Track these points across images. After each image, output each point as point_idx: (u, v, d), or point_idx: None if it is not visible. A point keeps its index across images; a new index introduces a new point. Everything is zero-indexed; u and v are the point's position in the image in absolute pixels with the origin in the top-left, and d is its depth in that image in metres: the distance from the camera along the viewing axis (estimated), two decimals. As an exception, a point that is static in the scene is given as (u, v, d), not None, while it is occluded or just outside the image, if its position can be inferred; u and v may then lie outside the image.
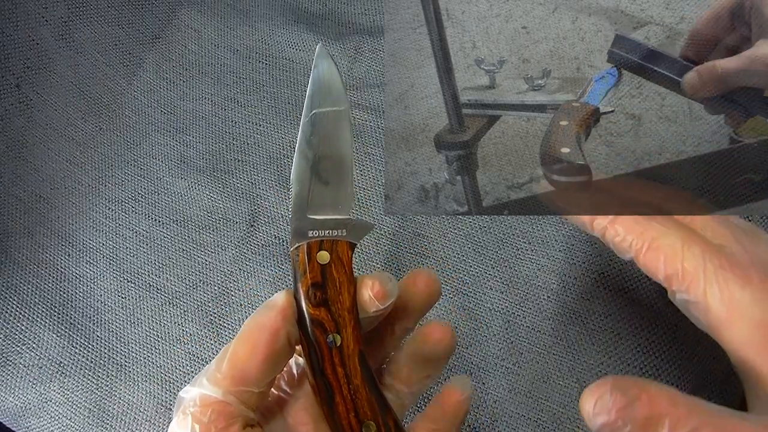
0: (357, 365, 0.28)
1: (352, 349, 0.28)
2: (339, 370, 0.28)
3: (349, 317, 0.28)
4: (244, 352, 0.27)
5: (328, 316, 0.28)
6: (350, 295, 0.29)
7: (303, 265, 0.29)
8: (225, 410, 0.27)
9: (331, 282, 0.29)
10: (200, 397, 0.27)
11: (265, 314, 0.28)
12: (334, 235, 0.29)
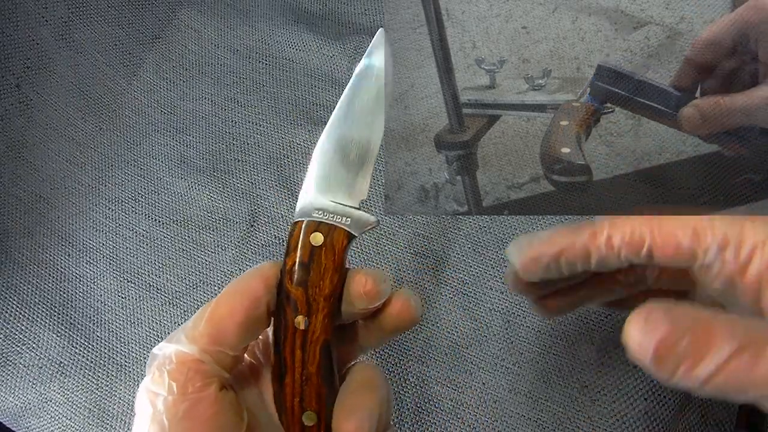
0: (317, 353, 0.28)
1: (317, 336, 0.28)
2: (297, 352, 0.28)
3: (324, 304, 0.28)
4: (223, 313, 0.27)
5: (304, 297, 0.28)
6: (332, 284, 0.28)
7: (295, 241, 0.29)
8: (201, 369, 0.26)
9: (317, 265, 0.28)
10: (176, 354, 0.26)
11: (249, 280, 0.28)
12: (336, 221, 0.29)
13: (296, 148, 0.54)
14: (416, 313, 0.30)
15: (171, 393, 0.26)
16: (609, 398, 0.40)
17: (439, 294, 0.45)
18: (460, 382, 0.42)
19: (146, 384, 0.26)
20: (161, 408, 0.25)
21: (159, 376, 0.26)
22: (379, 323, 0.30)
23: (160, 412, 0.25)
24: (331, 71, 0.57)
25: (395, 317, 0.29)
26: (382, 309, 0.29)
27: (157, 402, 0.26)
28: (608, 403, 0.40)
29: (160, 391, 0.26)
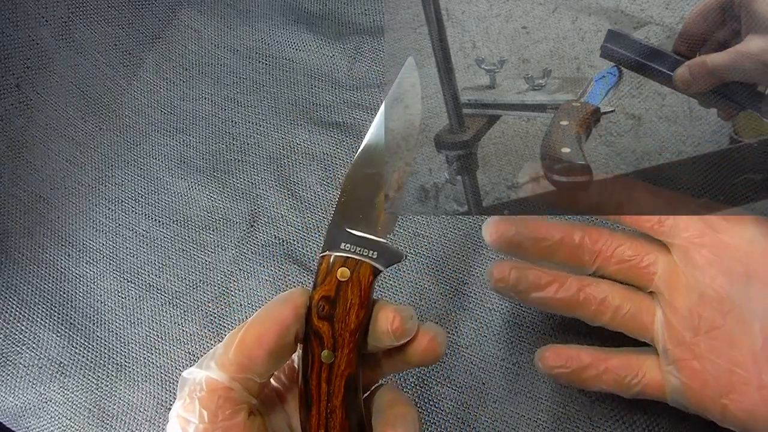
0: (342, 387, 0.28)
1: (343, 370, 0.28)
2: (323, 385, 0.28)
3: (350, 339, 0.28)
4: (252, 340, 0.27)
5: (330, 331, 0.28)
6: (357, 319, 0.28)
7: (322, 276, 0.29)
8: (231, 396, 0.27)
9: (343, 300, 0.28)
10: (207, 381, 0.27)
11: (279, 308, 0.28)
12: (362, 255, 0.29)
13: (296, 148, 0.54)
14: (442, 350, 0.30)
15: (202, 421, 0.26)
16: (609, 398, 0.40)
17: (439, 294, 0.45)
18: (460, 382, 0.42)
19: (178, 410, 0.27)
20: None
21: (190, 403, 0.27)
22: (404, 357, 0.30)
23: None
24: (331, 71, 0.57)
25: (421, 353, 0.30)
26: (408, 343, 0.30)
27: (189, 429, 0.26)
28: (608, 403, 0.40)
29: (192, 419, 0.26)
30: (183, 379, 0.28)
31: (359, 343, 0.28)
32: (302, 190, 0.52)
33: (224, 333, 0.46)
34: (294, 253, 0.49)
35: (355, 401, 0.29)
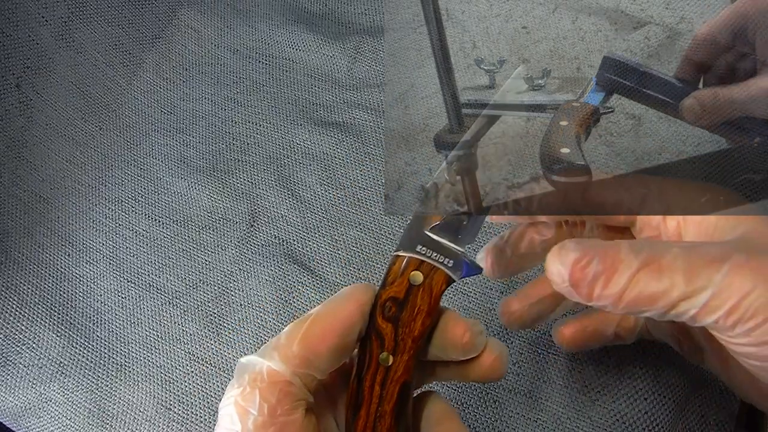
0: (395, 392, 0.27)
1: (399, 375, 0.27)
2: (376, 388, 0.27)
3: (412, 345, 0.27)
4: (317, 335, 0.26)
5: (392, 334, 0.27)
6: (423, 326, 0.27)
7: (393, 276, 0.28)
8: (291, 391, 0.26)
9: (411, 305, 0.27)
10: (268, 372, 0.26)
11: (344, 303, 0.27)
12: (439, 261, 0.28)
13: (296, 148, 0.54)
14: (504, 370, 0.29)
15: (261, 413, 0.26)
16: (609, 398, 0.40)
17: (439, 294, 0.45)
18: (460, 383, 0.42)
19: (236, 397, 0.26)
20: (251, 427, 0.25)
21: (250, 393, 0.26)
22: (464, 370, 0.29)
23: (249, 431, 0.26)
24: (331, 71, 0.57)
25: (484, 371, 0.29)
26: (472, 359, 0.29)
27: (248, 420, 0.26)
28: (608, 403, 0.40)
29: (251, 409, 0.26)
30: (242, 365, 0.27)
31: (420, 350, 0.28)
32: (302, 190, 0.52)
33: (224, 333, 0.46)
34: (294, 253, 0.49)
35: (405, 408, 0.28)
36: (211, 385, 0.44)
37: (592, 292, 0.24)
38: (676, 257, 0.24)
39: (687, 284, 0.23)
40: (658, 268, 0.24)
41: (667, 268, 0.24)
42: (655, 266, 0.24)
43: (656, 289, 0.24)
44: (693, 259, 0.24)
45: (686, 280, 0.23)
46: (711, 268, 0.23)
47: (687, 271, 0.23)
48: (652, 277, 0.24)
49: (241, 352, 0.45)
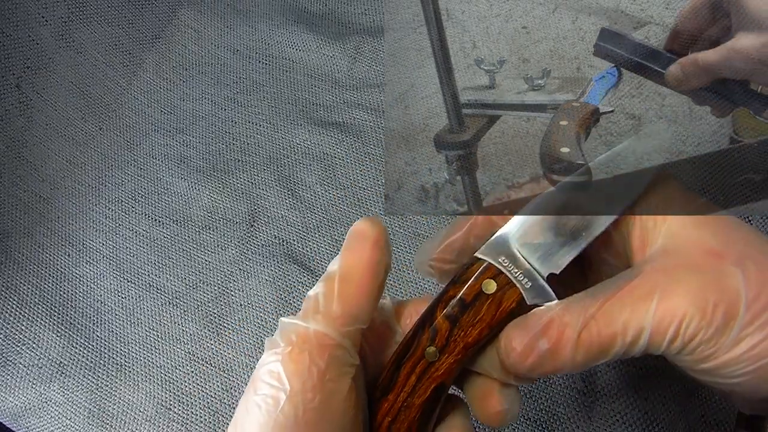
0: (429, 389, 0.26)
1: (439, 374, 0.26)
2: (412, 378, 0.26)
3: (462, 351, 0.26)
4: (353, 291, 0.26)
5: (447, 333, 0.26)
6: (479, 336, 0.26)
7: (466, 276, 0.27)
8: (339, 356, 0.25)
9: (475, 312, 0.26)
10: (316, 335, 0.25)
11: (362, 249, 0.26)
12: (516, 278, 0.26)
13: (296, 148, 0.54)
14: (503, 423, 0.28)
15: (311, 377, 0.24)
16: (609, 398, 0.40)
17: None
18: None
19: (285, 355, 0.24)
20: (299, 389, 0.24)
21: (299, 355, 0.24)
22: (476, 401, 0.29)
23: (297, 394, 0.24)
24: (331, 71, 0.57)
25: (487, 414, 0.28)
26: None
27: (298, 381, 0.24)
28: (608, 403, 0.40)
29: (301, 371, 0.24)
30: (285, 325, 0.25)
31: (468, 358, 0.27)
32: (302, 190, 0.52)
33: (224, 333, 0.46)
34: (294, 253, 0.49)
35: (433, 410, 0.27)
36: (211, 385, 0.44)
37: (548, 367, 0.25)
38: (607, 307, 0.25)
39: (625, 330, 0.24)
40: (596, 331, 0.25)
41: (602, 320, 0.25)
42: (593, 329, 0.25)
43: (600, 342, 0.25)
44: (622, 303, 0.25)
45: (624, 329, 0.24)
46: (641, 308, 0.24)
47: (621, 317, 0.24)
48: (593, 341, 0.25)
49: (241, 352, 0.45)
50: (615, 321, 0.24)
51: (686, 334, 0.24)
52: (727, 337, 0.24)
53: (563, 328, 0.25)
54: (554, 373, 0.26)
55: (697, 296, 0.24)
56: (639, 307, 0.24)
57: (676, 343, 0.24)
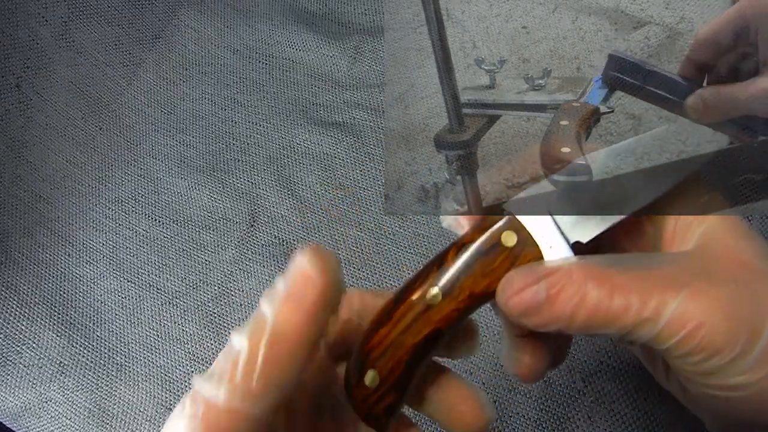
0: (423, 332, 0.25)
1: (437, 319, 0.25)
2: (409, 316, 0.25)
3: (465, 299, 0.25)
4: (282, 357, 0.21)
5: (455, 276, 0.25)
6: (486, 289, 0.25)
7: (487, 225, 0.25)
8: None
9: (488, 262, 0.25)
10: (227, 413, 0.21)
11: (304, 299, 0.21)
12: (540, 238, 0.25)
13: (296, 148, 0.54)
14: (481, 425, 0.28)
15: None
16: (609, 398, 0.40)
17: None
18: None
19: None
20: None
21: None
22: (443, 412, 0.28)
23: None
24: (331, 71, 0.57)
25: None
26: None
27: None
28: (608, 403, 0.40)
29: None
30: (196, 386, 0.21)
31: (468, 310, 0.25)
32: (302, 190, 0.52)
33: (224, 333, 0.46)
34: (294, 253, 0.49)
35: (423, 354, 0.25)
36: (211, 385, 0.44)
37: (543, 317, 0.23)
38: (630, 275, 0.23)
39: (642, 307, 0.22)
40: (610, 286, 0.23)
41: (620, 288, 0.23)
42: (607, 285, 0.23)
43: (609, 308, 0.22)
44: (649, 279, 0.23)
45: (641, 303, 0.22)
46: (667, 293, 0.22)
47: (643, 293, 0.22)
48: (604, 295, 0.23)
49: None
50: (633, 292, 0.22)
51: (704, 339, 0.22)
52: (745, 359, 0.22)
53: (570, 278, 0.23)
54: (549, 326, 0.23)
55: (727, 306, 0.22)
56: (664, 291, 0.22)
57: (689, 344, 0.22)
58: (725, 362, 0.22)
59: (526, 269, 0.24)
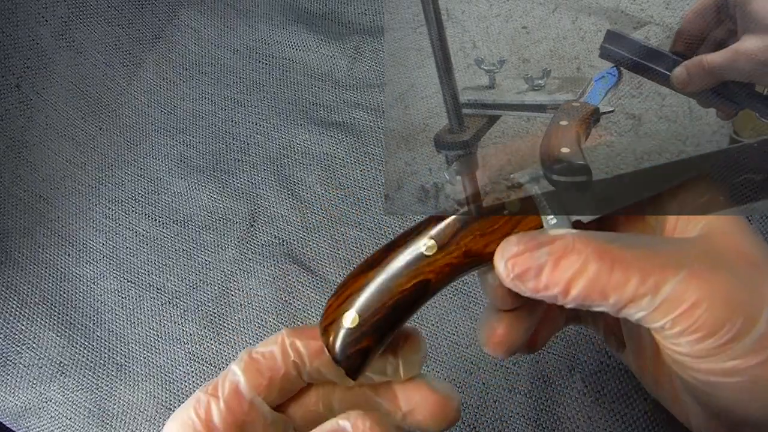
0: (412, 281, 0.24)
1: (429, 270, 0.24)
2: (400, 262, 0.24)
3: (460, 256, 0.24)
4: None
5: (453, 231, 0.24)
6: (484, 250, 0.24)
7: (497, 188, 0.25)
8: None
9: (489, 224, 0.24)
10: None
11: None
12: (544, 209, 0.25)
13: (296, 148, 0.54)
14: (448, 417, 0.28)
15: None
16: (609, 398, 0.40)
17: (439, 294, 0.45)
18: (460, 382, 0.42)
19: None
20: None
21: None
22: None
23: None
24: (331, 71, 0.57)
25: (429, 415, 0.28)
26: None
27: None
28: (608, 403, 0.40)
29: None
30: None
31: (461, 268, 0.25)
32: (302, 190, 0.52)
33: (224, 333, 0.46)
34: (294, 253, 0.49)
35: (409, 305, 0.25)
36: (211, 385, 0.44)
37: (540, 281, 0.23)
38: (631, 252, 0.23)
39: (641, 282, 0.22)
40: (611, 259, 0.23)
41: (620, 262, 0.23)
42: (608, 257, 0.23)
43: (608, 280, 0.22)
44: (650, 257, 0.23)
45: (641, 278, 0.22)
46: (667, 272, 0.23)
47: (642, 269, 0.23)
48: (604, 267, 0.23)
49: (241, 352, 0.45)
50: (632, 268, 0.22)
51: (700, 319, 0.22)
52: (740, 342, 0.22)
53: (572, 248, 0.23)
54: (545, 292, 0.23)
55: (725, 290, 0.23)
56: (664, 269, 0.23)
57: (684, 323, 0.22)
58: (719, 344, 0.22)
59: (528, 235, 0.24)
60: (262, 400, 0.26)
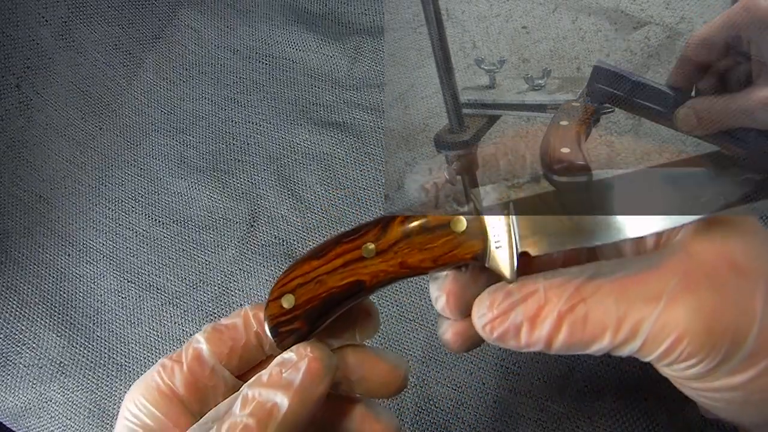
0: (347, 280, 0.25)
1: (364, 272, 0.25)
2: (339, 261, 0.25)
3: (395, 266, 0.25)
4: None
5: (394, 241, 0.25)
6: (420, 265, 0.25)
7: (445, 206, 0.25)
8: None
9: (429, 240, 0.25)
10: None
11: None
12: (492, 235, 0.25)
13: (296, 148, 0.54)
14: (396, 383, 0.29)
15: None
16: (609, 398, 0.40)
17: (439, 294, 0.45)
18: (460, 382, 0.42)
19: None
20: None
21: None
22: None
23: None
24: (331, 71, 0.57)
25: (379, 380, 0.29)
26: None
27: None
28: (608, 403, 0.40)
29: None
30: None
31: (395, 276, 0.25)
32: (302, 190, 0.52)
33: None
34: (294, 253, 0.49)
35: (340, 300, 0.26)
36: (211, 385, 0.44)
37: (520, 342, 0.23)
38: (604, 291, 0.22)
39: (617, 330, 0.22)
40: (584, 311, 0.22)
41: (594, 310, 0.22)
42: (582, 309, 0.22)
43: (583, 335, 0.22)
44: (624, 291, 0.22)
45: (616, 325, 0.22)
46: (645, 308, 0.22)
47: (618, 312, 0.22)
48: (578, 322, 0.22)
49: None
50: (609, 313, 0.22)
51: (685, 351, 0.22)
52: (728, 365, 0.22)
53: (544, 304, 0.23)
54: (526, 349, 0.24)
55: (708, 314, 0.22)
56: (641, 306, 0.22)
57: (670, 356, 0.22)
58: (707, 369, 0.22)
59: (499, 293, 0.24)
60: (223, 366, 0.27)
